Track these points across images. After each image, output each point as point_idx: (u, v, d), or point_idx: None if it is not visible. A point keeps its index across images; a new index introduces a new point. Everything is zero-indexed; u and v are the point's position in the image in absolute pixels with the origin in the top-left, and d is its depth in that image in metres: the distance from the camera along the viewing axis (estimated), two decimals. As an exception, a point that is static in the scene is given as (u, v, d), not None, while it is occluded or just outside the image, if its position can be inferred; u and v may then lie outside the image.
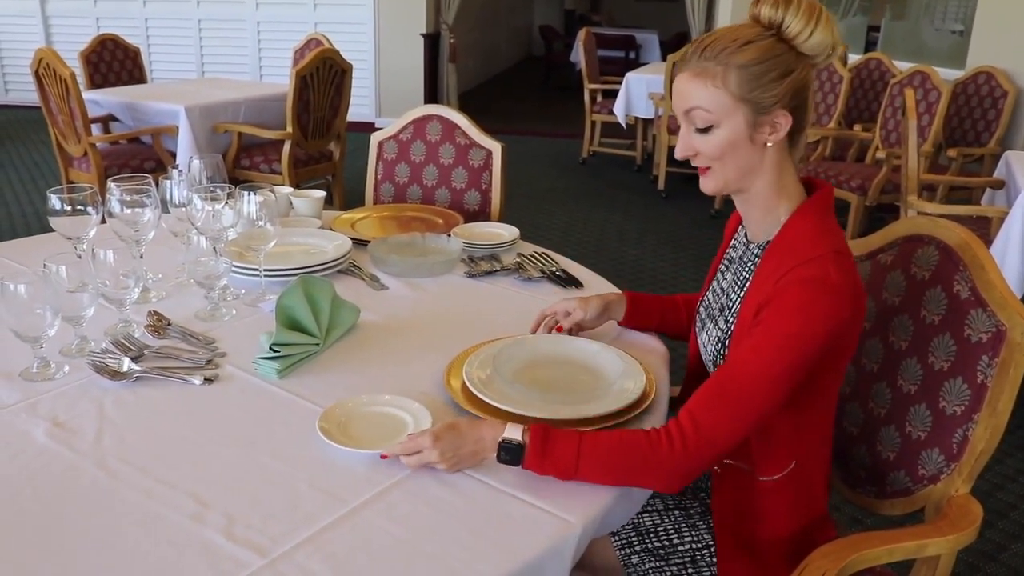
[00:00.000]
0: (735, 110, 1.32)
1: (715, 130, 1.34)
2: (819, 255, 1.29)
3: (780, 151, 1.36)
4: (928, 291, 1.51)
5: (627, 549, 1.56)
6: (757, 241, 1.44)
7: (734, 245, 1.54)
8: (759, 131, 1.33)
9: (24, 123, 8.48)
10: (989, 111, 5.15)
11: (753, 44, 1.30)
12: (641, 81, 6.70)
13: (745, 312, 1.37)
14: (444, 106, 2.74)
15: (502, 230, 2.30)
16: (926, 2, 7.53)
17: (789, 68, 1.31)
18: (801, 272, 1.27)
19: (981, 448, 1.39)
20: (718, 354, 1.45)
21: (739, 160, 1.35)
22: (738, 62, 1.30)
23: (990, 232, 3.52)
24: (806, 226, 1.35)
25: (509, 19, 14.39)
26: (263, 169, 4.93)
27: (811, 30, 1.30)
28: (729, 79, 1.31)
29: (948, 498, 1.43)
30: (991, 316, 1.39)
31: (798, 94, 1.33)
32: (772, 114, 1.32)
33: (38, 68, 4.50)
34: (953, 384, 1.44)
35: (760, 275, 1.37)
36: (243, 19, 8.83)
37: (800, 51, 1.32)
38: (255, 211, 1.78)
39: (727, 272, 1.53)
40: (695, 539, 1.53)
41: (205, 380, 1.49)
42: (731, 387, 1.28)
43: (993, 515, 2.65)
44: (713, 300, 1.53)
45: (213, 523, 1.13)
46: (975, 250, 1.44)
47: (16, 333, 1.44)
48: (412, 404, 1.39)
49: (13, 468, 1.24)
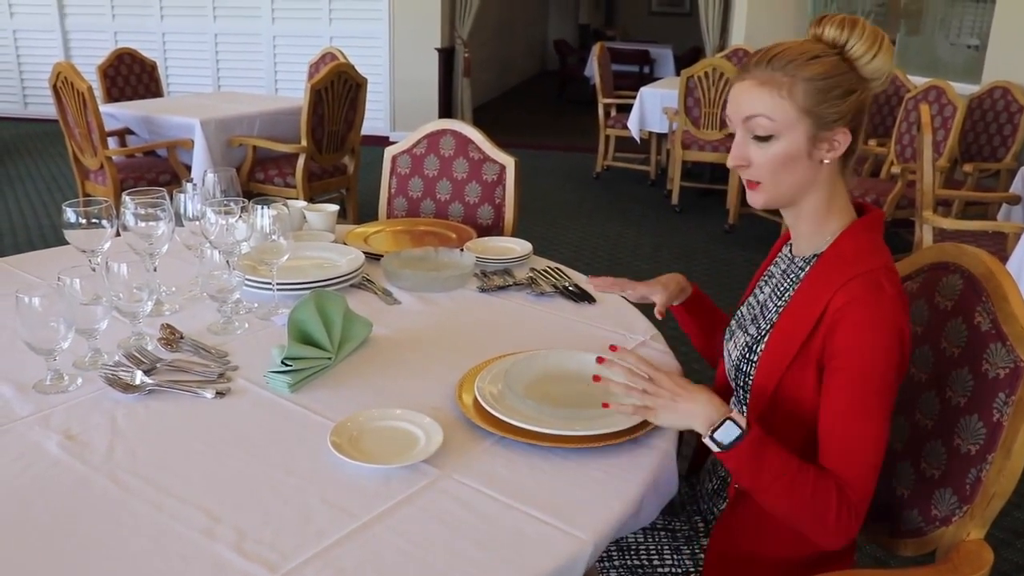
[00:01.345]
0: (798, 122, 1.31)
1: (775, 141, 1.33)
2: (872, 268, 1.30)
3: (834, 169, 1.36)
4: (950, 322, 1.44)
5: (606, 563, 1.54)
6: (802, 255, 1.44)
7: (776, 262, 1.54)
8: (818, 147, 1.33)
9: (42, 136, 8.56)
10: (1005, 126, 5.12)
11: (821, 59, 1.30)
12: (655, 96, 6.70)
13: (786, 320, 1.37)
14: (458, 120, 2.74)
15: (515, 245, 2.30)
16: (941, 17, 7.51)
17: (852, 87, 1.31)
18: (857, 286, 1.28)
19: (994, 491, 1.30)
20: (742, 359, 1.44)
21: (794, 175, 1.34)
22: (806, 75, 1.30)
23: (1007, 248, 3.49)
24: (858, 242, 1.36)
25: (523, 33, 14.44)
26: (277, 183, 4.95)
27: (873, 53, 1.31)
28: (796, 90, 1.30)
29: (959, 542, 1.34)
30: (1010, 351, 1.31)
31: (859, 114, 1.34)
32: (833, 131, 1.32)
33: (56, 82, 4.54)
34: (969, 421, 1.36)
35: (807, 285, 1.37)
36: (259, 33, 8.90)
37: (861, 73, 1.33)
38: (268, 225, 1.78)
39: (765, 286, 1.52)
40: (676, 564, 1.50)
41: (217, 393, 1.49)
42: (849, 439, 1.27)
43: (1011, 535, 2.61)
44: (747, 312, 1.53)
45: (224, 537, 1.12)
46: (999, 280, 1.36)
47: (30, 345, 1.45)
48: (424, 419, 1.39)
49: (25, 480, 1.24)
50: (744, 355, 1.45)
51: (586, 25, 15.81)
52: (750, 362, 1.43)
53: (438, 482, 1.26)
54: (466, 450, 1.35)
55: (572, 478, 1.28)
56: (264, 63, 8.96)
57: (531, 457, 1.33)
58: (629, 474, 1.30)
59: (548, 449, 1.34)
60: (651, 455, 1.36)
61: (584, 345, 1.71)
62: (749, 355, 1.43)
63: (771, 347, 1.38)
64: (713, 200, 6.52)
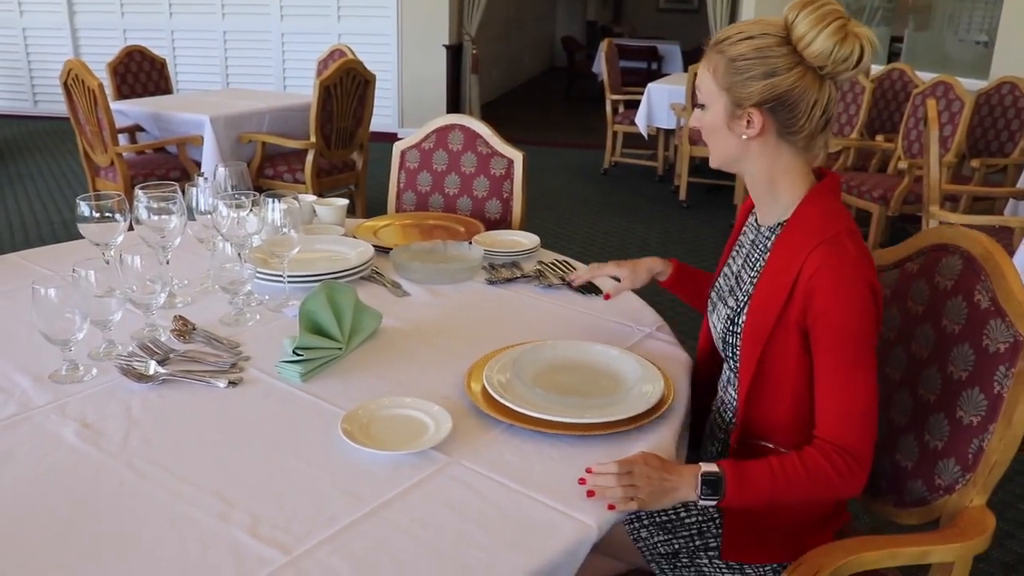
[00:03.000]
0: (717, 97, 1.40)
1: (706, 111, 1.43)
2: (836, 232, 1.36)
3: (768, 146, 1.41)
4: (950, 300, 1.50)
5: (635, 523, 1.58)
6: (767, 224, 1.49)
7: (745, 231, 1.60)
8: (735, 123, 1.40)
9: (53, 134, 8.60)
10: (1013, 121, 5.11)
11: (749, 40, 1.36)
12: (663, 91, 6.70)
13: (762, 290, 1.43)
14: (466, 116, 2.76)
15: (523, 238, 2.32)
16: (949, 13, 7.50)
17: (774, 71, 1.34)
18: (823, 252, 1.33)
19: (996, 459, 1.38)
20: (727, 331, 1.50)
21: (720, 144, 1.45)
22: (730, 54, 1.38)
23: (1013, 242, 3.50)
24: (816, 210, 1.41)
25: (531, 30, 14.44)
26: (286, 179, 4.97)
27: (814, 35, 1.32)
28: (719, 68, 1.39)
29: (962, 509, 1.42)
30: (1009, 326, 1.38)
31: (780, 98, 1.36)
32: (744, 109, 1.38)
33: (67, 79, 4.57)
34: (971, 394, 1.43)
35: (777, 255, 1.43)
36: (268, 30, 8.92)
37: (803, 56, 1.34)
38: (279, 218, 1.81)
39: (738, 256, 1.58)
40: (701, 511, 1.55)
41: (230, 383, 1.51)
42: (844, 400, 1.34)
43: (1015, 526, 2.63)
44: (723, 283, 1.59)
45: (239, 522, 1.15)
46: (997, 260, 1.43)
47: (46, 336, 1.47)
48: (432, 407, 1.41)
49: (43, 468, 1.27)
50: (728, 327, 1.51)
51: (594, 22, 15.80)
52: (734, 334, 1.49)
53: (447, 468, 1.28)
54: (475, 437, 1.37)
55: (579, 465, 1.30)
56: (273, 60, 8.99)
57: (539, 444, 1.35)
58: (635, 461, 1.32)
59: (556, 436, 1.37)
60: (656, 441, 1.38)
61: (591, 336, 1.74)
62: (732, 327, 1.49)
63: (751, 318, 1.44)
64: (721, 196, 6.52)
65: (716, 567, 1.54)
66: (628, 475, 1.26)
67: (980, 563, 2.45)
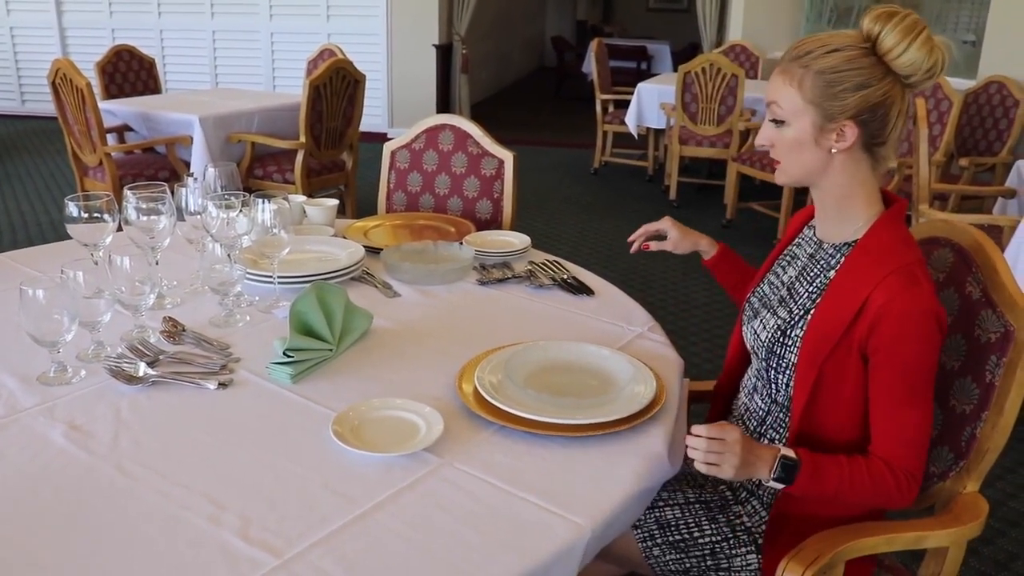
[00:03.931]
0: (804, 112, 1.39)
1: (786, 126, 1.42)
2: (907, 262, 1.37)
3: (852, 159, 1.42)
4: (943, 292, 1.54)
5: (648, 542, 1.59)
6: (831, 241, 1.49)
7: (798, 243, 1.60)
8: (824, 136, 1.40)
9: (40, 133, 8.56)
10: (1001, 120, 5.14)
11: (838, 52, 1.36)
12: (652, 91, 6.70)
13: (826, 308, 1.43)
14: (456, 116, 2.76)
15: (513, 238, 2.31)
16: (937, 13, 7.53)
17: (867, 82, 1.35)
18: (895, 282, 1.34)
19: (988, 446, 1.42)
20: (775, 342, 1.50)
21: (804, 159, 1.43)
22: (817, 67, 1.37)
23: (1002, 241, 3.51)
24: (889, 236, 1.42)
25: (521, 30, 14.44)
26: (276, 179, 4.96)
27: (904, 47, 1.34)
28: (805, 82, 1.38)
29: (956, 495, 1.46)
30: (1000, 317, 1.42)
31: (872, 109, 1.37)
32: (838, 122, 1.38)
33: (55, 78, 4.55)
34: (963, 383, 1.47)
35: (845, 275, 1.43)
36: (257, 30, 8.90)
37: (892, 67, 1.36)
38: (269, 219, 1.80)
39: (788, 267, 1.58)
40: (715, 532, 1.57)
41: (219, 385, 1.51)
42: (899, 426, 1.38)
43: (1006, 524, 2.64)
44: (771, 292, 1.59)
45: (229, 524, 1.14)
46: (988, 252, 1.47)
47: (34, 338, 1.46)
48: (424, 408, 1.41)
49: (32, 470, 1.26)
50: (777, 338, 1.50)
51: (584, 21, 15.80)
52: (784, 345, 1.49)
53: (439, 470, 1.28)
54: (466, 439, 1.37)
55: (571, 465, 1.30)
56: (262, 60, 8.96)
57: (531, 445, 1.35)
58: (627, 461, 1.32)
59: (547, 437, 1.36)
60: (648, 442, 1.38)
61: (582, 336, 1.74)
62: (783, 338, 1.49)
63: (811, 334, 1.44)
64: (711, 195, 6.54)
65: None
66: (721, 442, 1.31)
67: (973, 560, 2.46)
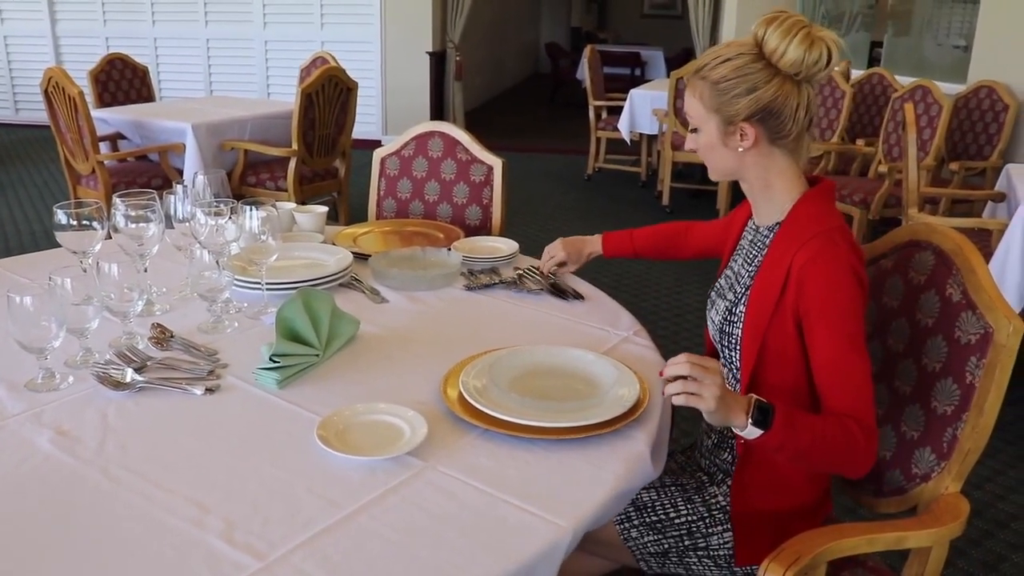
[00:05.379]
0: (708, 119, 1.52)
1: (700, 133, 1.55)
2: (827, 229, 1.46)
3: (761, 154, 1.51)
4: (923, 295, 1.56)
5: (626, 524, 1.63)
6: (765, 224, 1.59)
7: (744, 234, 1.67)
8: (729, 138, 1.51)
9: (34, 142, 8.57)
10: (991, 125, 5.16)
11: (728, 62, 1.46)
12: (645, 97, 6.73)
13: (760, 282, 1.52)
14: (446, 122, 2.77)
15: (501, 244, 2.33)
16: (928, 18, 7.56)
17: (755, 85, 1.44)
18: (815, 245, 1.43)
19: (969, 447, 1.43)
20: (724, 321, 1.60)
21: (718, 160, 1.56)
22: (712, 78, 1.48)
23: (991, 244, 3.53)
24: (812, 209, 1.51)
25: (515, 37, 14.47)
26: (269, 186, 4.97)
27: (785, 47, 1.43)
28: (704, 92, 1.50)
29: (938, 496, 1.47)
30: (980, 318, 1.43)
31: (766, 108, 1.46)
32: (736, 125, 1.47)
33: (47, 87, 4.56)
34: (944, 384, 1.49)
35: (774, 250, 1.52)
36: (251, 38, 8.91)
37: (779, 67, 1.44)
38: (257, 226, 1.81)
39: (737, 257, 1.66)
40: (691, 512, 1.61)
41: (207, 390, 1.52)
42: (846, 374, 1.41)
43: (994, 525, 2.65)
44: (724, 282, 1.67)
45: (213, 528, 1.15)
46: (967, 254, 1.49)
47: (22, 344, 1.47)
48: (407, 412, 1.42)
49: (19, 475, 1.26)
50: (726, 318, 1.59)
51: (578, 28, 15.83)
52: (731, 323, 1.58)
53: (422, 473, 1.29)
54: (450, 442, 1.38)
55: (554, 468, 1.31)
56: (256, 67, 8.98)
57: (514, 449, 1.36)
58: (609, 464, 1.33)
59: (531, 441, 1.37)
60: (631, 445, 1.39)
61: (568, 341, 1.75)
62: (730, 317, 1.58)
63: (751, 308, 1.52)
64: (704, 200, 6.55)
65: (705, 565, 1.61)
66: (702, 369, 1.30)
67: (961, 562, 2.47)
